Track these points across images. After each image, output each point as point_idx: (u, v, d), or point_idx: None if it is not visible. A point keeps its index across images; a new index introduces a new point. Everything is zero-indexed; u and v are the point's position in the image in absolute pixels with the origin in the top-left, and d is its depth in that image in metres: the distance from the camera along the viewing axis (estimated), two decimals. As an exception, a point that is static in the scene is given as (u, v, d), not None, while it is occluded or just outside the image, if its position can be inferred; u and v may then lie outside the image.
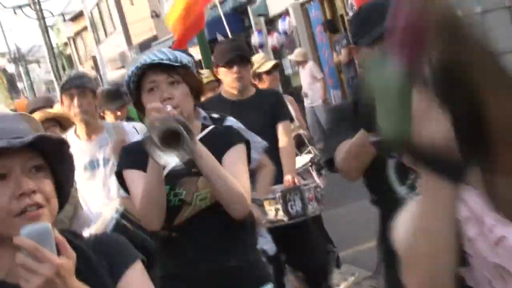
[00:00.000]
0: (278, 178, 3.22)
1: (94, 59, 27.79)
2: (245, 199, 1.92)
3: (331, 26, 11.16)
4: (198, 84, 2.09)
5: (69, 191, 1.22)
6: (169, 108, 1.83)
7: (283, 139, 3.38)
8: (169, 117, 1.81)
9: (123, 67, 19.74)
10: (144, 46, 18.70)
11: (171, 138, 1.76)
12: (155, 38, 18.93)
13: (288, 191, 3.25)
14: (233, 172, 1.87)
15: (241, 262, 2.02)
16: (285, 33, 12.49)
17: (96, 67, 27.08)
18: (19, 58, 35.77)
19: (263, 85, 4.10)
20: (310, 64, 10.11)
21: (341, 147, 1.98)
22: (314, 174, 3.84)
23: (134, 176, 2.01)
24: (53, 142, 1.11)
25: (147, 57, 1.99)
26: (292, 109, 3.98)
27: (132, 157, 2.04)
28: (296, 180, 3.32)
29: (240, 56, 3.38)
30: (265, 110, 3.38)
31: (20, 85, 40.58)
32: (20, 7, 23.31)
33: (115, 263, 1.16)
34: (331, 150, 2.03)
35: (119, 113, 4.40)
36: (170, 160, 1.80)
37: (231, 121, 2.63)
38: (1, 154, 1.03)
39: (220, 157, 1.87)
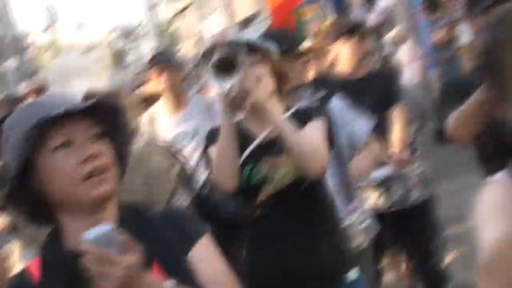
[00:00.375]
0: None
1: (198, 35, 29.02)
2: (321, 155, 1.84)
3: (431, 4, 11.22)
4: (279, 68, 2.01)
5: (127, 161, 1.19)
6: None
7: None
8: (225, 45, 1.88)
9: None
10: (246, 23, 19.54)
11: (227, 66, 1.80)
12: (256, 15, 19.58)
13: (388, 178, 3.02)
14: (309, 137, 1.81)
15: (325, 245, 1.94)
16: (384, 12, 12.65)
17: (199, 43, 28.37)
18: (126, 34, 38.35)
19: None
20: (408, 43, 10.31)
21: (454, 114, 1.94)
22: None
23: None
24: (111, 108, 1.12)
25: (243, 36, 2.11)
26: None
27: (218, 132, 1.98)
28: (402, 156, 3.04)
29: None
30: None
31: (127, 60, 42.51)
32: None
33: (185, 235, 1.13)
34: (443, 118, 2.00)
35: None
36: (225, 86, 1.81)
37: (335, 99, 2.51)
38: (64, 122, 1.03)
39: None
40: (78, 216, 1.05)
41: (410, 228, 3.12)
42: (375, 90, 3.03)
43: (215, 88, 1.90)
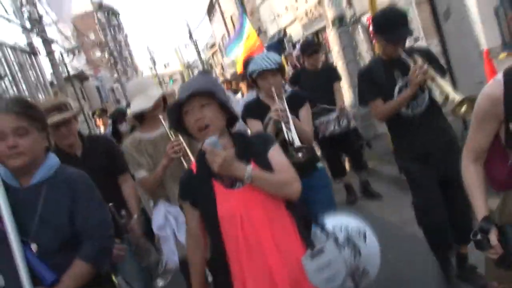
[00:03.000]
0: None
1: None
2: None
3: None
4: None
5: (234, 114, 2.11)
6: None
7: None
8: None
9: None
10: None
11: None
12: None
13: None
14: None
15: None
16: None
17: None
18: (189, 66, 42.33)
19: None
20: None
21: (378, 105, 3.13)
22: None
23: (253, 123, 3.25)
24: (207, 92, 1.98)
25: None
26: None
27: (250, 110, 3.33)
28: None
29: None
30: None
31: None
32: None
33: (263, 144, 2.04)
34: (366, 97, 3.22)
35: None
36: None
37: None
38: (187, 100, 1.96)
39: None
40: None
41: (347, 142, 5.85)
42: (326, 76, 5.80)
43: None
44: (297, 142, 2.95)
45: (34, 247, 1.90)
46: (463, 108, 2.74)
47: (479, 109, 1.87)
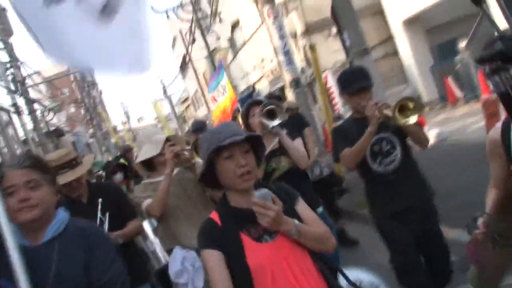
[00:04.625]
0: None
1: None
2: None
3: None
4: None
5: (262, 158, 2.01)
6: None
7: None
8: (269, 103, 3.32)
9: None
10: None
11: (272, 114, 3.25)
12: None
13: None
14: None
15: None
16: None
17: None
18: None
19: None
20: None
21: (345, 152, 3.03)
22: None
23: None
24: (255, 137, 1.93)
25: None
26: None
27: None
28: None
29: None
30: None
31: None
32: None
33: (290, 197, 1.94)
34: (338, 154, 3.10)
35: None
36: (271, 124, 3.29)
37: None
38: (229, 145, 1.80)
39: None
40: (236, 191, 1.87)
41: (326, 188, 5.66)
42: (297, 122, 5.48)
43: (266, 124, 3.34)
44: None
45: None
46: (406, 116, 2.81)
47: (487, 149, 2.33)
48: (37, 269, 1.84)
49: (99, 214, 2.97)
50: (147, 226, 4.72)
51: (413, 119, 2.78)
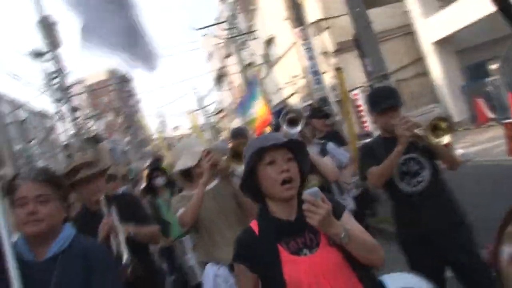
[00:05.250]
0: None
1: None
2: (334, 172, 2.96)
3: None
4: None
5: (308, 172, 1.91)
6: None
7: None
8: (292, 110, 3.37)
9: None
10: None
11: (293, 121, 3.24)
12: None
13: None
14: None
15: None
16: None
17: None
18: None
19: None
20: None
21: (372, 170, 2.97)
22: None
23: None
24: (297, 143, 1.87)
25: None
26: None
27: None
28: None
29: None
30: None
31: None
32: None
33: (337, 208, 1.77)
34: (364, 169, 3.05)
35: None
36: (293, 131, 3.24)
37: (330, 144, 3.84)
38: (271, 150, 1.77)
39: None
40: (277, 201, 1.80)
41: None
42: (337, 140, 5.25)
43: (287, 132, 3.21)
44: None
45: None
46: (439, 135, 2.78)
47: None
48: (37, 285, 1.86)
49: (104, 209, 2.93)
50: (187, 241, 4.81)
51: (445, 139, 2.75)
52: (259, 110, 10.50)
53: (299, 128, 3.34)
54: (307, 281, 1.69)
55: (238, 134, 5.35)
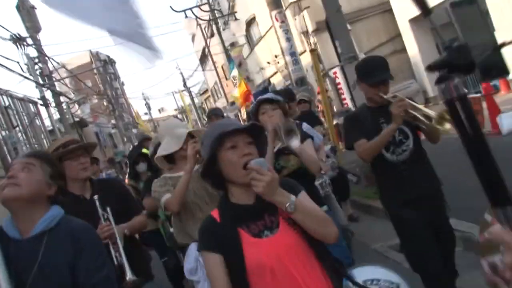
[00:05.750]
0: None
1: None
2: (315, 162, 2.77)
3: None
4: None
5: (264, 154, 1.90)
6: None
7: None
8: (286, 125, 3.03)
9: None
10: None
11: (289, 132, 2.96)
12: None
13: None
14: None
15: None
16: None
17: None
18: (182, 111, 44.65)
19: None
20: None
21: (363, 144, 3.02)
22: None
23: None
24: (257, 127, 1.84)
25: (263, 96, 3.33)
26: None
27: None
28: None
29: None
30: None
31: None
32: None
33: (293, 189, 1.80)
34: (351, 141, 3.12)
35: None
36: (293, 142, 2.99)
37: (305, 124, 3.85)
38: (230, 135, 1.75)
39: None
40: (238, 186, 1.79)
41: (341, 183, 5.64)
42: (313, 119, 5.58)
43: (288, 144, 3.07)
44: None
45: None
46: (443, 124, 2.77)
47: None
48: (22, 262, 1.83)
49: (100, 211, 2.85)
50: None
51: (447, 126, 2.78)
52: (239, 88, 10.83)
53: (295, 139, 3.05)
54: (269, 263, 1.70)
55: (214, 114, 5.38)
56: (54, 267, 1.85)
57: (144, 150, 5.39)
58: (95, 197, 2.88)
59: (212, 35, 24.85)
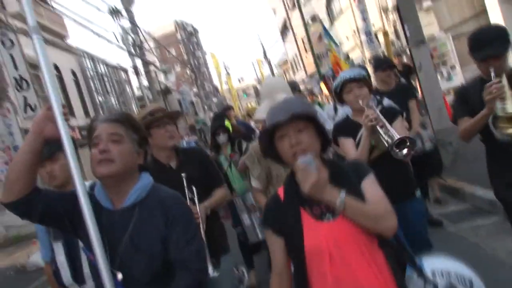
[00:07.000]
0: None
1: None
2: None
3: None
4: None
5: (328, 138, 1.88)
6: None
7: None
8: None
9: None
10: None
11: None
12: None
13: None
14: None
15: (404, 174, 3.13)
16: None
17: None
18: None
19: None
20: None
21: (464, 125, 2.88)
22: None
23: (345, 141, 3.16)
24: (303, 115, 1.79)
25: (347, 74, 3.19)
26: None
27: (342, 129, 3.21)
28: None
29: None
30: None
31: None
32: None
33: (359, 173, 1.80)
34: (457, 117, 2.96)
35: None
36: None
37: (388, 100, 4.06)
38: (284, 124, 1.76)
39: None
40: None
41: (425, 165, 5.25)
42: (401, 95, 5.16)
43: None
44: (396, 135, 2.88)
45: (119, 276, 1.80)
46: None
47: None
48: (114, 232, 1.82)
49: (186, 191, 2.84)
50: (247, 199, 5.00)
51: None
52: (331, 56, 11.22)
53: (405, 150, 2.95)
54: (327, 247, 1.66)
55: (292, 88, 5.21)
56: (145, 238, 1.83)
57: (226, 123, 5.44)
58: (183, 175, 2.88)
59: (294, 6, 25.20)
